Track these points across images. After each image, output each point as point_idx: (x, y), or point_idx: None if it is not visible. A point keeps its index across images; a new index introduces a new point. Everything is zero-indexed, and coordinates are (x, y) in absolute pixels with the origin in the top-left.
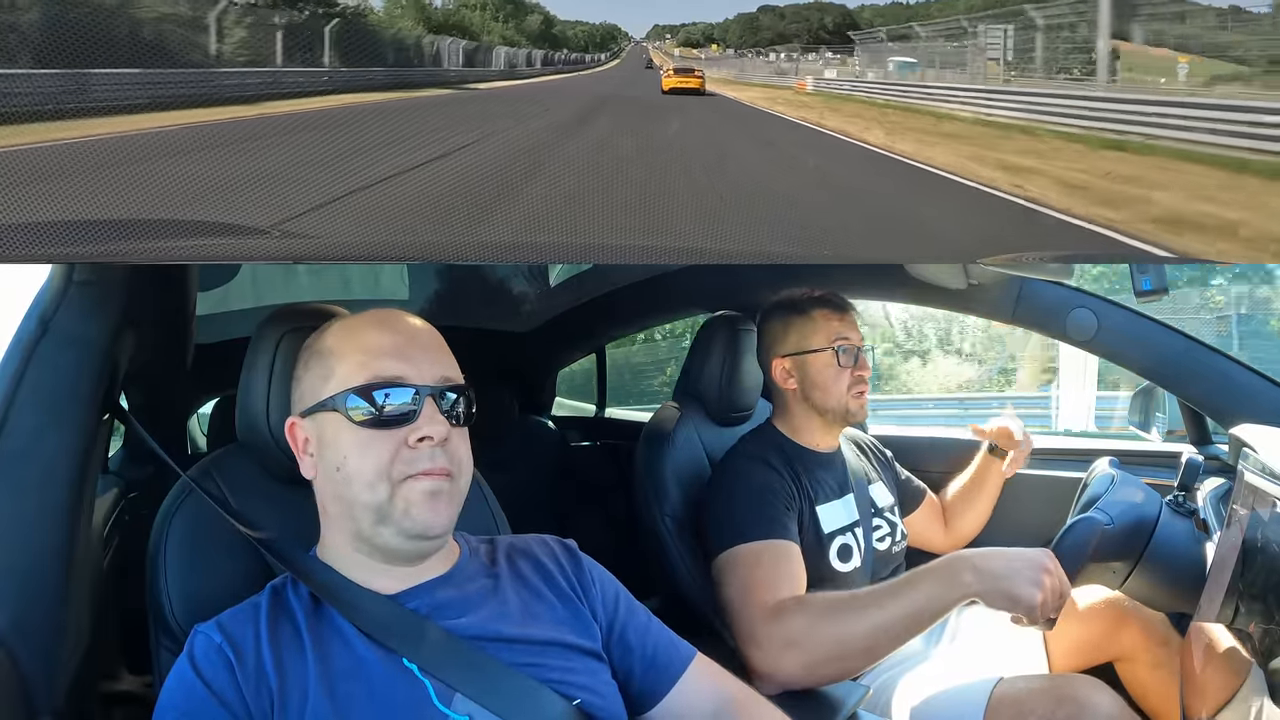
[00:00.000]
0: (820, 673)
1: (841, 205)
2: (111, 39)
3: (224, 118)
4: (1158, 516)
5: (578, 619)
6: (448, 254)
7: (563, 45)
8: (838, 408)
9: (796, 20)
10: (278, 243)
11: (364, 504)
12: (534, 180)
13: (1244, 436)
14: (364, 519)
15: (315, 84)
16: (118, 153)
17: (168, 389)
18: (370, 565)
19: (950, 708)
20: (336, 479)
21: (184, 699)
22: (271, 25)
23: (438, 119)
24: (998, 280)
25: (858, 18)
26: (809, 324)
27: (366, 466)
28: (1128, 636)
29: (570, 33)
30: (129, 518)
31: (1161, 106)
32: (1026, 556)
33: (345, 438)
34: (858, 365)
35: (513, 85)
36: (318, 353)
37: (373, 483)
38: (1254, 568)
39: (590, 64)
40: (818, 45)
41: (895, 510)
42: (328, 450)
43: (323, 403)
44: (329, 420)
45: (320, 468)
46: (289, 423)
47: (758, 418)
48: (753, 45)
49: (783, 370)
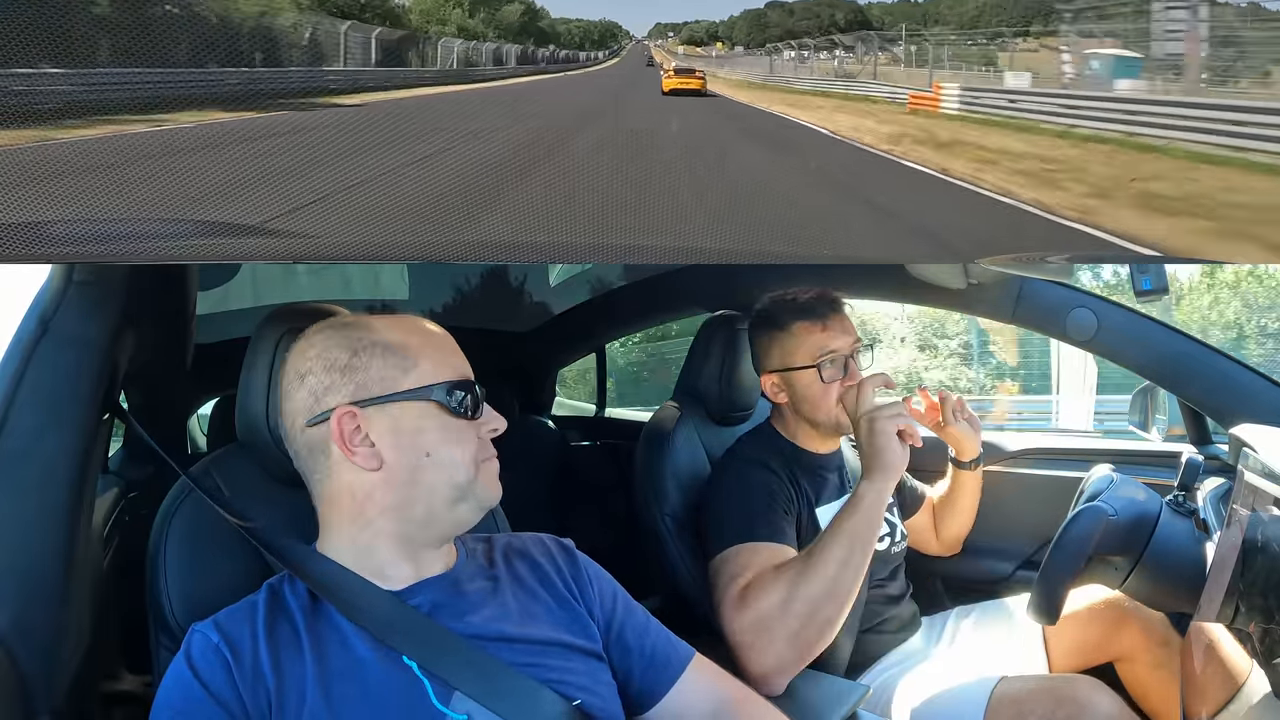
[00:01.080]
0: (805, 638)
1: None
2: (113, 37)
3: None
4: (1158, 516)
5: (575, 619)
6: (448, 254)
7: (550, 41)
8: (828, 421)
9: (806, 16)
10: (278, 243)
11: (451, 485)
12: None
13: (1244, 436)
14: (442, 501)
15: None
16: (118, 152)
17: (168, 389)
18: (390, 557)
19: (950, 708)
20: (422, 465)
21: (181, 698)
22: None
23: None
24: (998, 280)
25: (868, 14)
26: (790, 340)
27: (459, 453)
28: (1128, 636)
29: (562, 28)
30: (129, 518)
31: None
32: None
33: (435, 426)
34: (847, 375)
35: (459, 90)
36: (384, 345)
37: (464, 465)
38: (1254, 568)
39: (587, 63)
40: (888, 38)
41: (895, 510)
42: (410, 438)
43: (409, 392)
44: (413, 410)
45: (394, 455)
46: (340, 411)
47: (758, 417)
48: (760, 43)
49: (772, 385)
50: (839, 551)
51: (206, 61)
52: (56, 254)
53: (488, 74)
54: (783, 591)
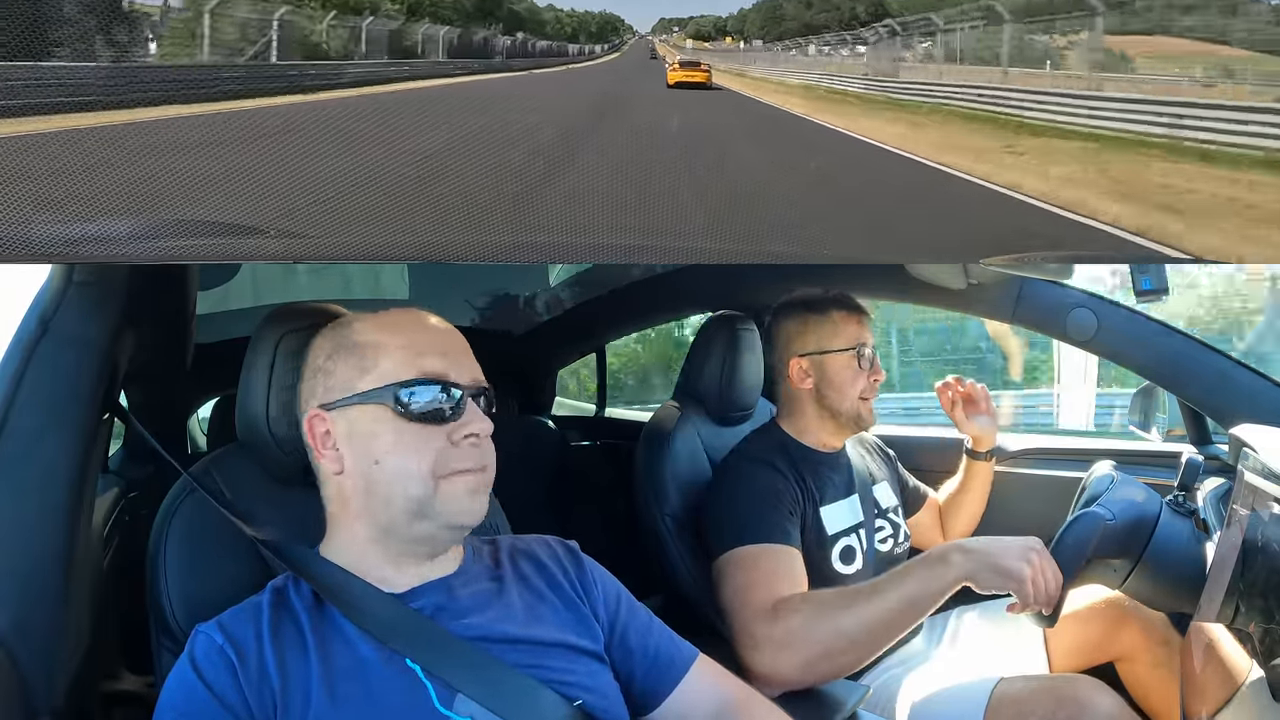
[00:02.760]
0: (820, 669)
1: None
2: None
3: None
4: (1158, 516)
5: (580, 620)
6: (448, 254)
7: (521, 27)
8: (850, 411)
9: (825, 9)
10: (278, 243)
11: (405, 497)
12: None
13: (1244, 436)
14: (399, 513)
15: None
16: (116, 151)
17: (168, 389)
18: (385, 561)
19: (950, 708)
20: (373, 472)
21: (185, 700)
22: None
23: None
24: (998, 280)
25: (888, 6)
26: (829, 325)
27: (412, 461)
28: (1128, 636)
29: (549, 16)
30: (129, 518)
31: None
32: (1015, 539)
33: (387, 431)
34: (873, 370)
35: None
36: (350, 346)
37: (419, 477)
38: (1254, 568)
39: (578, 57)
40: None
41: (899, 512)
42: (363, 443)
43: (362, 394)
44: (367, 413)
45: (350, 461)
46: (310, 414)
47: (758, 417)
48: (776, 36)
49: (800, 370)
50: (893, 606)
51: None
52: (56, 254)
53: (421, 70)
54: (821, 620)
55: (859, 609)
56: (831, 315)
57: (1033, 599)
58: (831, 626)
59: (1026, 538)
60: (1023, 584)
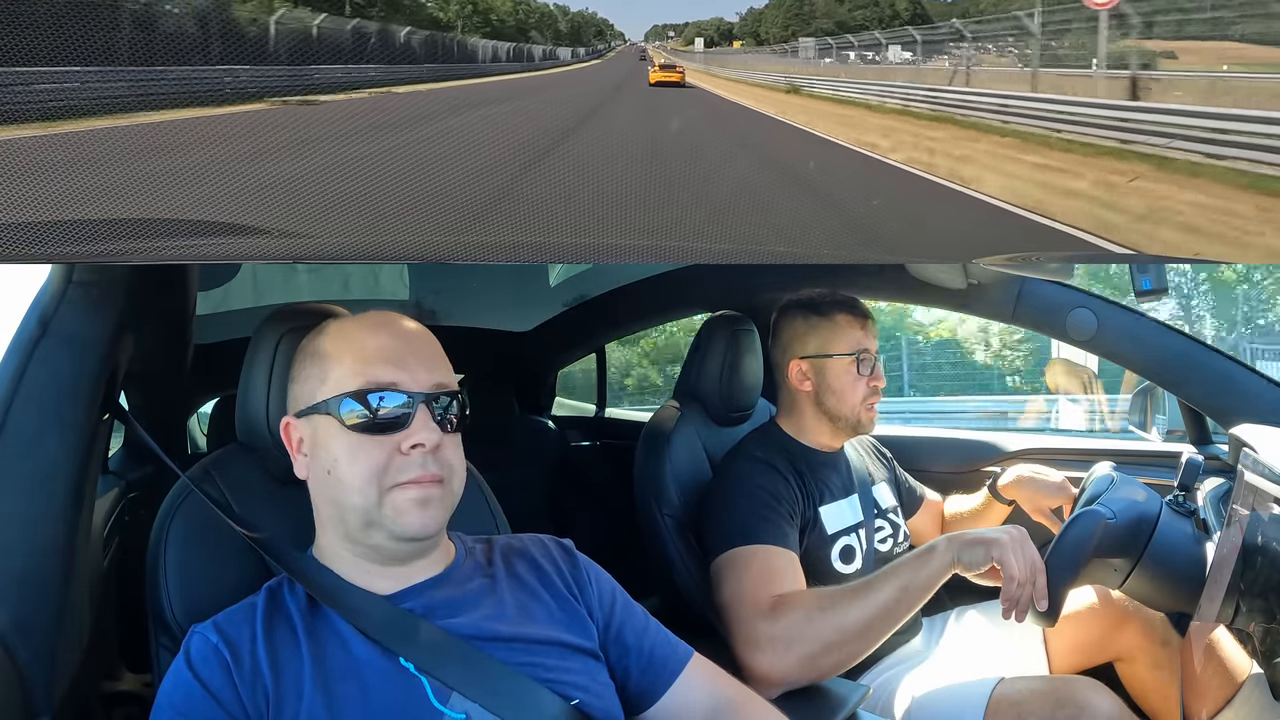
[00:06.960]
0: (819, 665)
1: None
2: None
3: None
4: (1158, 516)
5: (574, 618)
6: (448, 254)
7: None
8: (850, 416)
9: (863, 5)
10: (278, 243)
11: (353, 507)
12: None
13: (1244, 436)
14: (353, 521)
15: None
16: (116, 151)
17: (168, 389)
18: (364, 565)
19: (950, 708)
20: (327, 481)
21: (181, 699)
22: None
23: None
24: (998, 280)
25: (928, 6)
26: (832, 328)
27: (356, 471)
28: (1128, 636)
29: (504, 8)
30: (129, 518)
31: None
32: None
33: (337, 441)
34: (873, 375)
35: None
36: (313, 355)
37: (362, 488)
38: (1254, 568)
39: (545, 62)
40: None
41: (898, 512)
42: (320, 452)
43: (317, 405)
44: (322, 423)
45: (312, 469)
46: (284, 422)
47: (758, 417)
48: (800, 38)
49: (799, 372)
50: (888, 597)
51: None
52: (56, 254)
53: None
54: (819, 615)
55: (855, 603)
56: (835, 319)
57: (1015, 568)
58: (828, 622)
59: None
60: (1002, 548)
